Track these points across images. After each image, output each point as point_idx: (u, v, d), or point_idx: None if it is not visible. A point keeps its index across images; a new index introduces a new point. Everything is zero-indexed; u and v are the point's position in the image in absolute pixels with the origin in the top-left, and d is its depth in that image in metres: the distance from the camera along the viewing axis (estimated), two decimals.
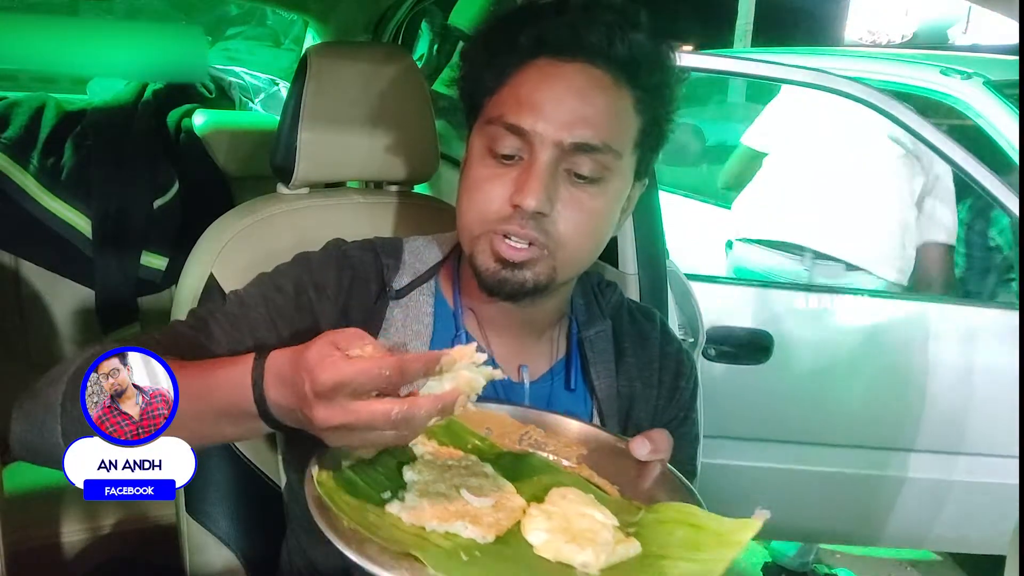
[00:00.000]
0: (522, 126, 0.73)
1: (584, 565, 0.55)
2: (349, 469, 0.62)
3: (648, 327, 0.91)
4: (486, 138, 0.76)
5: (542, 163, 0.72)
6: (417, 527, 0.57)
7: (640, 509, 0.62)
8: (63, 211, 1.66)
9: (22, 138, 1.68)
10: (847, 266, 2.07)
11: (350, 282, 0.81)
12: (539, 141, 0.73)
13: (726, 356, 1.77)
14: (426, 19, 2.26)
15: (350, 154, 1.11)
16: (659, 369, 0.88)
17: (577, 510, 0.59)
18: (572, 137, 0.73)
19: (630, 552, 0.56)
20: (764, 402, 1.84)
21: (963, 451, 1.83)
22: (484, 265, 0.76)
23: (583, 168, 0.74)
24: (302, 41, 2.39)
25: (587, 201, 0.75)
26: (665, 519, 0.61)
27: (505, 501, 0.61)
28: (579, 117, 0.73)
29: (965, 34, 7.25)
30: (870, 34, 8.16)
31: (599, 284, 0.93)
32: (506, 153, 0.74)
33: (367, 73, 1.11)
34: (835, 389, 1.85)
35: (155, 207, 1.72)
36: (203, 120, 1.88)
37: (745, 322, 1.80)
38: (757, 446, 1.86)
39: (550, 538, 0.57)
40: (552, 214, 0.73)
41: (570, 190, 0.74)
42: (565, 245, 0.75)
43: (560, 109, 0.73)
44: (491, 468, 0.65)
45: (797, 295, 1.86)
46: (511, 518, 0.59)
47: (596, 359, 0.85)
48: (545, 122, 0.72)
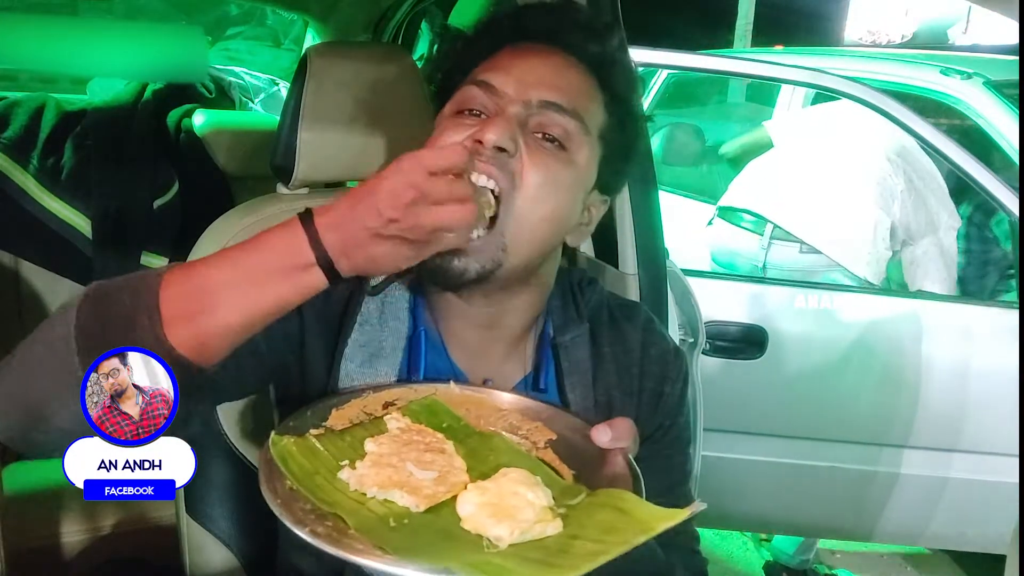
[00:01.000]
0: (491, 82, 0.73)
1: (497, 538, 0.57)
2: (314, 438, 0.65)
3: (629, 329, 0.85)
4: (453, 103, 0.76)
5: (508, 111, 0.73)
6: (359, 493, 0.60)
7: (582, 493, 0.64)
8: (63, 211, 1.66)
9: (22, 138, 1.68)
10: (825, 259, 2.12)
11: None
12: (507, 98, 0.73)
13: (721, 351, 1.78)
14: (426, 19, 2.27)
15: (350, 154, 1.11)
16: (640, 376, 0.83)
17: (511, 488, 0.61)
18: (540, 95, 0.73)
19: (547, 531, 0.58)
20: (759, 397, 1.85)
21: (959, 448, 1.84)
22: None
23: (551, 127, 0.73)
24: (302, 41, 2.39)
25: (552, 163, 0.73)
26: (597, 503, 0.62)
27: (449, 476, 0.63)
28: (550, 82, 0.74)
29: (965, 34, 7.25)
30: (870, 34, 8.16)
31: (580, 282, 0.87)
32: (473, 108, 0.74)
33: (367, 73, 1.11)
34: (830, 385, 1.86)
35: (155, 207, 1.72)
36: (203, 120, 1.88)
37: (740, 317, 1.81)
38: (753, 440, 1.87)
39: (475, 511, 0.59)
40: (516, 156, 0.71)
41: (538, 145, 0.73)
42: (525, 197, 0.71)
43: (531, 73, 0.74)
44: (451, 446, 0.67)
45: (793, 291, 1.86)
46: (449, 492, 0.61)
47: (571, 368, 0.81)
48: (515, 81, 0.73)
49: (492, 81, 0.74)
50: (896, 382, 1.83)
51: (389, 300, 0.80)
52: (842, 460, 1.87)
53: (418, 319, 0.81)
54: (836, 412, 1.87)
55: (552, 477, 0.67)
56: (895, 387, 1.83)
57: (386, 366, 0.78)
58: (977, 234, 2.35)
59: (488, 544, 0.57)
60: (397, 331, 0.79)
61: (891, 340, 1.84)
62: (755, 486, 1.88)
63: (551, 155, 0.73)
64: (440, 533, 0.58)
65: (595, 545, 0.56)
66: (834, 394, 1.86)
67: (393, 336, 0.79)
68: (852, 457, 1.86)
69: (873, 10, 8.22)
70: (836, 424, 1.86)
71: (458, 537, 0.58)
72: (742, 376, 1.81)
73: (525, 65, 0.75)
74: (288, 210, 1.08)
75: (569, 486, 0.66)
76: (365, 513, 0.59)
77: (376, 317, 0.79)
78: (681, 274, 1.38)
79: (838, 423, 1.86)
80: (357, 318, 0.79)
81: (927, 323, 1.82)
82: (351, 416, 0.69)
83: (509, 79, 0.74)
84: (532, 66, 0.75)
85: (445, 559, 0.54)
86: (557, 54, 0.77)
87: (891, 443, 1.85)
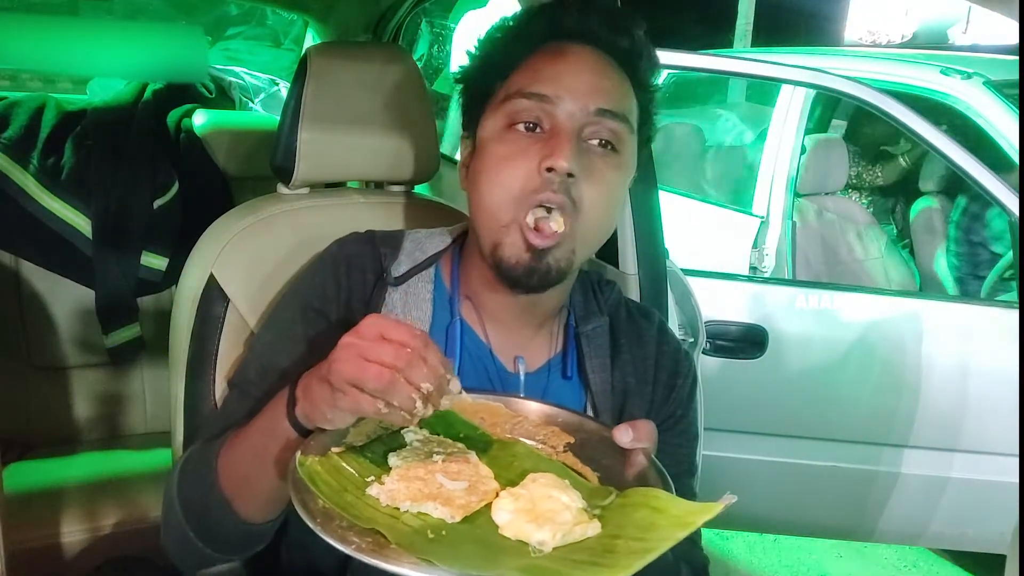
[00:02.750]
0: (544, 92, 0.75)
1: (540, 543, 0.57)
2: (337, 455, 0.65)
3: (645, 325, 0.91)
4: (504, 115, 0.77)
5: (568, 126, 0.75)
6: (392, 508, 0.61)
7: (612, 494, 0.64)
8: (63, 211, 1.66)
9: (22, 138, 1.67)
10: None
11: (346, 275, 0.84)
12: (562, 106, 0.75)
13: (721, 351, 1.78)
14: (426, 19, 2.27)
15: (350, 154, 1.11)
16: (655, 367, 0.89)
17: (545, 493, 0.61)
18: (595, 103, 0.75)
19: (588, 532, 0.59)
20: (759, 397, 1.85)
21: (959, 448, 1.84)
22: (512, 258, 0.76)
23: (604, 133, 0.76)
24: (302, 41, 2.39)
25: (606, 170, 0.77)
26: (630, 503, 0.62)
27: (480, 485, 0.63)
28: (598, 87, 0.76)
29: (965, 34, 7.25)
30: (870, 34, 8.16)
31: (599, 282, 0.93)
32: (528, 121, 0.76)
33: (367, 73, 1.11)
34: (830, 385, 1.86)
35: (155, 207, 1.72)
36: (203, 120, 1.88)
37: (740, 317, 1.81)
38: (753, 440, 1.87)
39: (513, 518, 0.59)
40: (578, 178, 0.74)
41: (591, 158, 0.76)
42: (587, 214, 0.76)
43: (580, 79, 0.76)
44: (475, 456, 0.67)
45: (793, 291, 1.87)
46: (483, 500, 0.62)
47: (592, 354, 0.86)
48: (567, 89, 0.75)
49: (545, 91, 0.75)
50: (896, 382, 1.83)
51: (411, 291, 0.84)
52: (842, 460, 1.87)
53: (439, 307, 0.85)
54: (836, 412, 1.87)
55: (579, 481, 0.67)
56: (895, 387, 1.83)
57: None
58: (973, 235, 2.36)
59: (533, 550, 0.57)
60: (420, 320, 0.83)
61: (891, 340, 1.84)
62: (755, 486, 1.88)
63: (606, 162, 0.77)
64: (480, 542, 0.58)
65: (638, 543, 0.56)
66: (834, 394, 1.86)
67: (416, 325, 0.81)
68: (852, 457, 1.86)
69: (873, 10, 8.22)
70: (836, 424, 1.86)
71: (499, 545, 0.58)
72: (742, 376, 1.81)
73: (570, 70, 0.76)
74: (288, 210, 1.08)
75: (597, 488, 0.66)
76: (401, 527, 0.58)
77: (400, 307, 0.83)
78: (681, 274, 1.38)
79: (838, 423, 1.86)
80: (382, 308, 0.83)
81: (927, 323, 1.82)
82: (368, 432, 0.69)
83: (560, 88, 0.75)
84: (577, 71, 0.76)
85: (493, 566, 0.54)
86: (594, 54, 0.78)
87: (891, 443, 1.85)
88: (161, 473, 1.51)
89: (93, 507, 1.41)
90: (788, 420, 1.87)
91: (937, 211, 2.73)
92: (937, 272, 2.67)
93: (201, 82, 2.09)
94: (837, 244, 2.66)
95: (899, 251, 2.81)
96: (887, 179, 3.10)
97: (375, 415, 0.60)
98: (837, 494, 1.91)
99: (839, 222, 2.69)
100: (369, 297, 0.83)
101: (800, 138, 2.57)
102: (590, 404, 0.86)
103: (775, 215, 2.52)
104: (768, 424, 1.87)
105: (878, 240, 2.74)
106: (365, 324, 0.61)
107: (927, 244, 2.74)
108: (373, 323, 0.61)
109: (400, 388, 0.59)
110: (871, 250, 2.70)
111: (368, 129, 1.11)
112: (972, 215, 2.57)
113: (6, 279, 1.65)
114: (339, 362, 0.60)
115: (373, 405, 0.59)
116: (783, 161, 2.56)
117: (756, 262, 2.47)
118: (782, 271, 2.48)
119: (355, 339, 0.60)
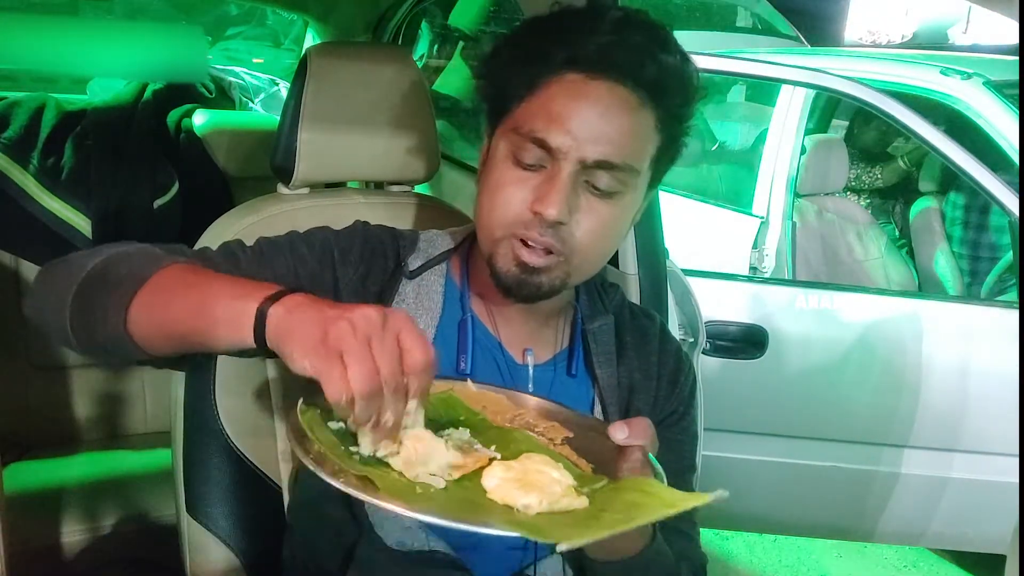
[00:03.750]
0: (548, 142, 0.75)
1: (526, 507, 0.58)
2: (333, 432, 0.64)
3: (648, 325, 0.94)
4: (511, 145, 0.78)
5: (564, 176, 0.75)
6: (384, 463, 0.61)
7: (604, 480, 0.65)
8: (63, 211, 1.66)
9: (22, 138, 1.68)
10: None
11: (371, 254, 0.86)
12: (563, 156, 0.75)
13: (721, 351, 1.78)
14: (426, 19, 2.27)
15: (350, 154, 1.11)
16: (658, 364, 0.91)
17: (536, 467, 0.62)
18: (595, 155, 0.74)
19: (575, 505, 0.59)
20: (759, 397, 1.85)
21: (959, 448, 1.84)
22: (504, 268, 0.78)
23: (601, 183, 0.76)
24: (302, 41, 2.39)
25: (603, 212, 0.77)
26: (621, 487, 0.63)
27: (474, 452, 0.65)
28: (603, 136, 0.74)
29: (965, 34, 7.25)
30: (870, 34, 8.16)
31: (602, 284, 0.95)
32: (529, 163, 0.76)
33: (367, 73, 1.11)
34: (830, 385, 1.86)
35: (155, 207, 1.72)
36: (203, 120, 1.88)
37: (740, 317, 1.81)
38: (753, 440, 1.87)
39: (501, 483, 0.60)
40: (570, 223, 0.76)
41: (588, 199, 0.77)
42: (580, 252, 0.78)
43: (586, 127, 0.74)
44: (470, 436, 0.68)
45: (793, 291, 1.87)
46: (477, 463, 0.63)
47: (599, 350, 0.88)
48: (571, 139, 0.74)
49: (549, 141, 0.74)
50: (896, 382, 1.83)
51: (424, 284, 0.86)
52: (842, 460, 1.87)
53: (449, 301, 0.86)
54: (836, 412, 1.87)
55: (571, 466, 0.67)
56: (895, 387, 1.83)
57: None
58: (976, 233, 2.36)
59: (518, 513, 0.58)
60: (431, 312, 0.85)
61: (891, 340, 1.84)
62: (755, 486, 1.88)
63: (602, 204, 0.77)
64: (467, 501, 0.59)
65: (622, 516, 0.57)
66: (834, 394, 1.86)
67: (427, 316, 0.85)
68: (852, 457, 1.86)
69: (873, 10, 8.22)
70: (836, 424, 1.86)
71: (486, 505, 0.59)
72: (742, 376, 1.81)
73: (580, 116, 0.74)
74: (288, 210, 1.08)
75: (590, 475, 0.67)
76: (393, 477, 0.60)
77: (412, 299, 0.85)
78: (681, 274, 1.38)
79: (838, 423, 1.86)
80: (395, 299, 0.84)
81: (927, 323, 1.82)
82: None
83: (567, 137, 0.74)
84: (586, 118, 0.74)
85: (478, 517, 0.56)
86: (613, 92, 0.75)
87: (891, 443, 1.85)
88: (161, 473, 1.51)
89: (93, 507, 1.41)
90: (788, 420, 1.87)
91: (937, 211, 2.73)
92: (937, 272, 2.67)
93: (201, 82, 2.09)
94: (837, 244, 2.66)
95: (899, 251, 2.81)
96: (887, 181, 3.10)
97: (331, 396, 0.57)
98: (837, 494, 1.91)
99: (839, 222, 2.70)
100: (384, 285, 0.85)
101: (800, 138, 2.57)
102: (597, 399, 0.88)
103: (775, 215, 2.52)
104: (768, 424, 1.87)
105: (878, 240, 2.74)
106: (396, 316, 0.60)
107: (927, 244, 2.74)
108: (402, 319, 0.60)
109: (371, 402, 0.57)
110: (871, 250, 2.70)
111: (368, 129, 1.11)
112: (972, 215, 2.57)
113: (6, 279, 1.65)
114: (347, 331, 0.57)
115: (338, 387, 0.56)
116: (783, 161, 2.56)
117: (756, 262, 2.47)
118: (782, 271, 2.48)
119: (378, 323, 0.58)
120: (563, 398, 0.83)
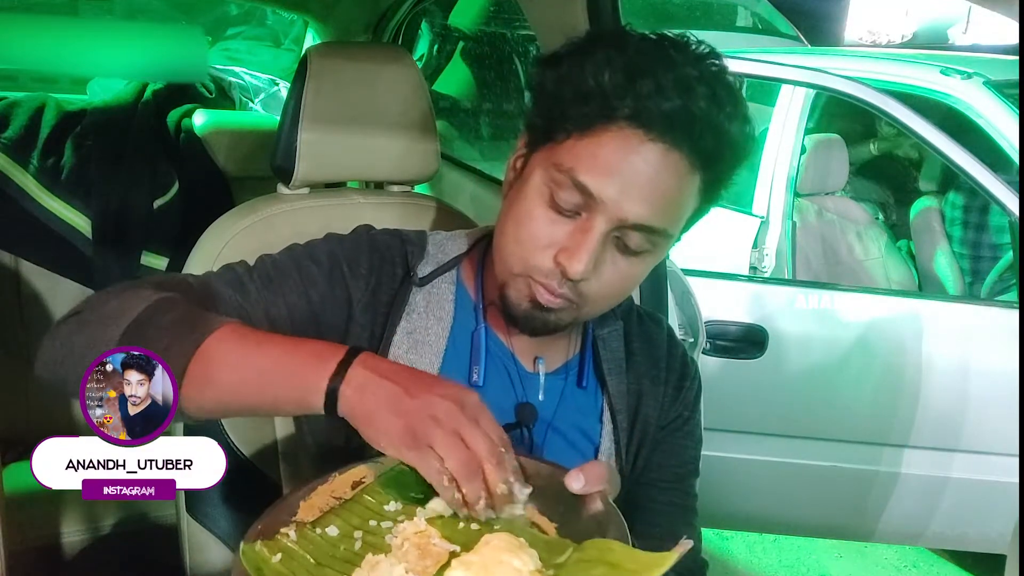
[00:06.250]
0: (591, 190, 0.72)
1: None
2: (285, 537, 0.62)
3: (656, 330, 0.94)
4: (550, 180, 0.74)
5: (597, 232, 0.72)
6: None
7: (569, 548, 0.62)
8: (63, 211, 1.66)
9: (22, 138, 1.67)
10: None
11: (379, 264, 0.84)
12: (602, 210, 0.72)
13: (721, 351, 1.78)
14: (426, 19, 2.27)
15: (350, 154, 1.11)
16: (666, 368, 0.91)
17: (497, 557, 0.59)
18: (635, 217, 0.72)
19: None
20: (759, 397, 1.85)
21: (959, 448, 1.84)
22: (515, 301, 0.78)
23: (632, 242, 0.74)
24: (302, 41, 2.39)
25: (625, 269, 0.76)
26: (586, 558, 0.61)
27: (432, 549, 0.61)
28: (648, 199, 0.72)
29: (965, 34, 7.25)
30: (870, 34, 8.15)
31: None
32: (566, 208, 0.74)
33: (367, 73, 1.11)
34: (830, 385, 1.86)
35: (155, 207, 1.72)
36: (203, 120, 1.88)
37: (740, 317, 1.81)
38: (753, 440, 1.87)
39: None
40: (591, 278, 0.74)
41: (613, 254, 0.75)
42: (594, 302, 0.77)
43: (633, 187, 0.71)
44: (426, 523, 0.65)
45: (793, 291, 1.87)
46: (436, 567, 0.60)
47: (608, 356, 0.88)
48: (615, 195, 0.71)
49: (593, 191, 0.71)
50: (896, 382, 1.83)
51: (434, 292, 0.85)
52: (842, 460, 1.87)
53: (460, 310, 0.85)
54: (836, 412, 1.87)
55: (535, 536, 0.65)
56: (895, 387, 1.83)
57: (430, 353, 0.82)
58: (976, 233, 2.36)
59: None
60: (442, 321, 0.83)
61: (891, 340, 1.84)
62: (755, 486, 1.88)
63: (628, 262, 0.76)
64: None
65: None
66: (834, 394, 1.86)
67: (438, 325, 0.83)
68: (852, 457, 1.86)
69: (873, 10, 8.21)
70: (836, 424, 1.87)
71: None
72: (742, 376, 1.81)
73: (628, 171, 0.71)
74: (288, 210, 1.08)
75: (554, 541, 0.64)
76: None
77: (423, 307, 0.84)
78: (681, 274, 1.38)
79: (838, 423, 1.86)
80: (405, 308, 0.83)
81: (927, 323, 1.82)
82: (320, 505, 0.65)
83: (611, 191, 0.71)
84: (634, 175, 0.71)
85: None
86: (666, 157, 0.72)
87: (891, 443, 1.85)
88: None
89: (93, 507, 1.41)
90: (788, 420, 1.87)
91: (937, 211, 2.73)
92: (937, 272, 2.67)
93: (201, 82, 2.09)
94: (837, 244, 2.66)
95: (899, 251, 2.81)
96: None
97: (435, 483, 0.60)
98: (837, 494, 1.91)
99: (839, 222, 2.70)
100: (394, 294, 0.83)
101: (800, 138, 2.57)
102: (607, 404, 0.87)
103: (775, 215, 2.52)
104: (768, 424, 1.87)
105: (878, 240, 2.74)
106: (471, 401, 0.62)
107: (927, 244, 2.74)
108: (477, 404, 0.62)
109: (478, 481, 0.60)
110: (871, 250, 2.70)
111: (368, 129, 1.11)
112: (972, 215, 2.57)
113: (6, 279, 1.65)
114: (432, 427, 0.60)
115: (440, 474, 0.60)
116: (783, 161, 2.56)
117: (756, 262, 2.47)
118: (782, 271, 2.48)
119: (459, 414, 0.61)
120: (572, 407, 0.83)
